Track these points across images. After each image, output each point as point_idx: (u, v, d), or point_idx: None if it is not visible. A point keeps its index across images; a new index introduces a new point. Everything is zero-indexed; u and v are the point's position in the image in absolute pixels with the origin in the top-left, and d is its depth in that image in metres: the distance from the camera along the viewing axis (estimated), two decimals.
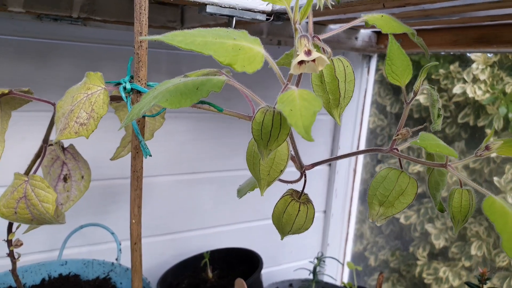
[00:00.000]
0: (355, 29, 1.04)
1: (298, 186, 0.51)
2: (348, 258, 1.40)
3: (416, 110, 1.52)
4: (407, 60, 0.39)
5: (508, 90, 1.34)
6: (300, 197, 0.49)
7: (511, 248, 0.31)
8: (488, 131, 1.36)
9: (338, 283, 1.33)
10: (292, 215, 0.48)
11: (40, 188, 0.57)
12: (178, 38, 0.31)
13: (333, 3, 0.36)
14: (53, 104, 0.58)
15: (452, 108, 1.44)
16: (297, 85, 0.38)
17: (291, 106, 0.29)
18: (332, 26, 0.94)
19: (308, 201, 0.49)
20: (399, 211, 0.39)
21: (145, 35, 0.45)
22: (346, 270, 1.40)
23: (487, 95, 1.39)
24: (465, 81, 1.41)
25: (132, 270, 0.60)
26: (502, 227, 0.31)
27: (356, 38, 1.05)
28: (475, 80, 1.41)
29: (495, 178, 1.32)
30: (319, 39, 0.37)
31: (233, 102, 0.97)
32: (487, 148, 0.36)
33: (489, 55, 1.29)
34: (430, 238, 1.46)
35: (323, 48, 0.37)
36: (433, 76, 1.48)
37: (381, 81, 1.56)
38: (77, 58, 0.89)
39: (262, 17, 0.57)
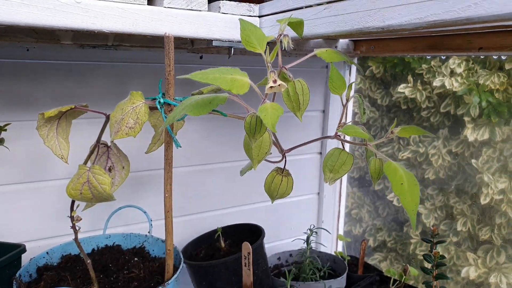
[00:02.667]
0: (334, 39, 1.25)
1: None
2: (341, 232, 1.61)
3: (404, 102, 1.71)
4: (343, 79, 0.61)
5: (481, 82, 1.50)
6: (282, 172, 0.71)
7: (397, 190, 0.52)
8: (466, 118, 1.54)
9: (331, 252, 1.54)
10: (277, 184, 0.69)
11: (99, 175, 0.79)
12: (198, 76, 0.53)
13: (292, 46, 0.58)
14: (105, 114, 0.81)
15: (435, 99, 1.62)
16: (273, 98, 0.60)
17: (265, 113, 0.52)
18: (312, 41, 1.15)
19: (288, 174, 0.71)
20: (342, 175, 0.61)
21: (172, 67, 0.68)
22: (340, 244, 1.61)
23: (464, 86, 1.55)
24: (444, 75, 1.58)
25: (166, 231, 0.83)
26: (392, 178, 0.53)
27: (336, 47, 1.26)
28: (453, 73, 1.57)
29: (473, 160, 1.49)
30: (285, 69, 0.59)
31: (236, 105, 1.19)
32: (392, 132, 0.58)
33: None
34: (421, 218, 1.63)
35: (289, 75, 0.59)
36: (417, 71, 1.65)
37: (372, 77, 1.73)
38: (109, 75, 1.11)
39: None
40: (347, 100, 0.62)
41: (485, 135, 1.46)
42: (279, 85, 0.54)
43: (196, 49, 1.04)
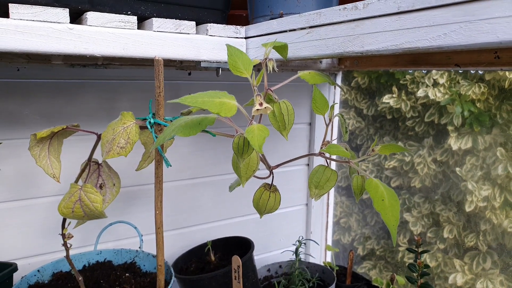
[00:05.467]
0: None
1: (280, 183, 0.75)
2: (329, 242, 1.63)
3: (389, 112, 1.74)
4: (325, 100, 0.64)
5: (463, 92, 1.54)
6: (270, 188, 0.74)
7: (378, 206, 0.55)
8: (449, 128, 1.58)
9: (320, 263, 1.56)
10: (265, 200, 0.72)
11: (91, 193, 0.81)
12: (188, 100, 0.56)
13: (277, 69, 0.61)
14: (96, 134, 0.82)
15: (420, 109, 1.65)
16: (260, 118, 0.63)
17: (252, 135, 0.54)
18: (296, 62, 1.19)
19: (276, 190, 0.74)
20: (327, 191, 0.64)
21: (162, 89, 0.70)
22: (329, 253, 1.64)
23: (446, 96, 1.59)
24: (427, 85, 1.62)
25: (157, 247, 0.84)
26: (374, 194, 0.56)
27: (321, 62, 1.29)
28: (436, 84, 1.61)
29: (457, 169, 1.53)
30: (271, 91, 0.62)
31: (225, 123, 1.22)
32: (373, 150, 0.61)
33: None
34: (409, 226, 1.65)
35: (275, 97, 0.62)
36: (401, 81, 1.69)
37: (358, 88, 1.77)
38: (99, 92, 1.13)
39: None
40: (330, 120, 0.65)
41: (468, 143, 1.49)
42: (265, 107, 0.56)
43: (185, 66, 1.06)
